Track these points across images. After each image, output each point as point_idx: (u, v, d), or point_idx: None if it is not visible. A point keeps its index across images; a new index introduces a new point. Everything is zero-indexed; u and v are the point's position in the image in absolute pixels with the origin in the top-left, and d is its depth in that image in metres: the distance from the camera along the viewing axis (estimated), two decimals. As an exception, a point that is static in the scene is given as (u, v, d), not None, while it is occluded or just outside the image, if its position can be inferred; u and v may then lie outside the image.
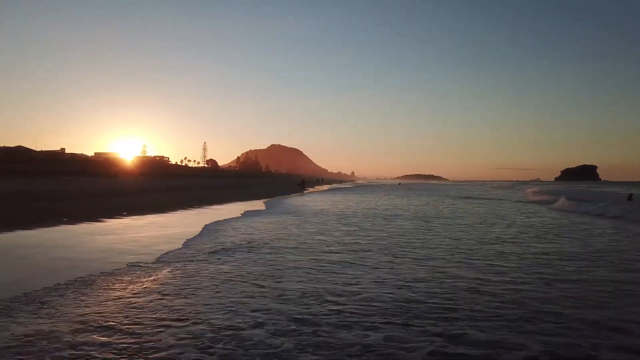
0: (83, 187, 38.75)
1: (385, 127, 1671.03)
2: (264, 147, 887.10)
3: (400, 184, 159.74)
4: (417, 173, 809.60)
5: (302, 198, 44.09)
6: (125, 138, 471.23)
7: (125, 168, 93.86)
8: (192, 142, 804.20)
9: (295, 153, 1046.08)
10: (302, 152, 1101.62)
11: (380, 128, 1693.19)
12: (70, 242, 12.31)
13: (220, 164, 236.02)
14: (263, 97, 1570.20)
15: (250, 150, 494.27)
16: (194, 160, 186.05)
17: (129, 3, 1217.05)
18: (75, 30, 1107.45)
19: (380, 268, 9.25)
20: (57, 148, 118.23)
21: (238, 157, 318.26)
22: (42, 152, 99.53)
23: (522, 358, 4.69)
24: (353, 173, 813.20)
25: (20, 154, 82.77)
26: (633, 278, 8.55)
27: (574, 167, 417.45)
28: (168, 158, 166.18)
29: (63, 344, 4.83)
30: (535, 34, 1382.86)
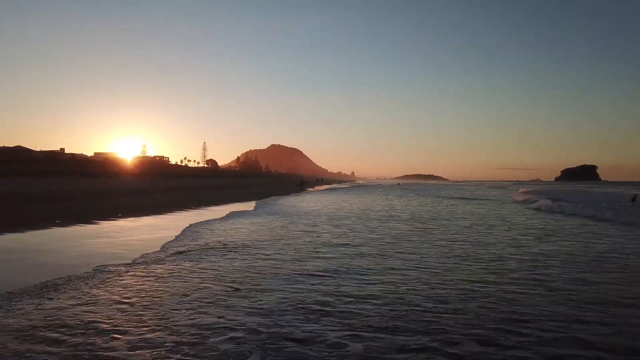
0: (81, 187, 38.41)
1: (386, 127, 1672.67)
2: (264, 147, 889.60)
3: (399, 184, 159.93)
4: (417, 173, 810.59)
5: (295, 198, 43.96)
6: (125, 138, 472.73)
7: (125, 168, 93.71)
8: (192, 142, 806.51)
9: (295, 153, 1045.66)
10: (302, 152, 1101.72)
11: (381, 128, 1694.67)
12: (57, 246, 12.00)
13: (220, 164, 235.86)
14: (263, 97, 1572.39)
15: (250, 150, 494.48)
16: (194, 160, 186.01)
17: (129, 3, 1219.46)
18: (75, 30, 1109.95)
19: (365, 275, 8.78)
20: (56, 148, 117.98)
21: (238, 157, 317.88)
22: (41, 152, 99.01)
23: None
24: (353, 173, 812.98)
25: (20, 154, 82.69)
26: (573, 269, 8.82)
27: (574, 167, 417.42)
28: (168, 158, 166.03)
29: (8, 351, 4.80)
30: (536, 34, 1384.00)
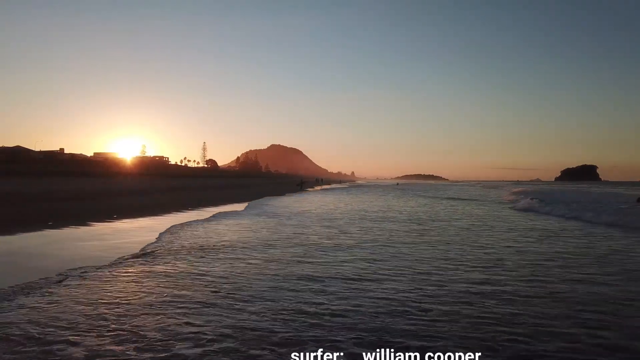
0: (79, 188, 38.34)
1: (386, 127, 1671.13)
2: (264, 147, 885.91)
3: (398, 184, 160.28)
4: (417, 173, 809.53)
5: (289, 198, 43.96)
6: (125, 138, 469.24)
7: (125, 168, 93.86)
8: (192, 142, 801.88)
9: (295, 153, 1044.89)
10: (302, 152, 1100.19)
11: (381, 128, 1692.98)
12: (44, 249, 11.53)
13: (220, 164, 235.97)
14: (263, 97, 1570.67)
15: (250, 150, 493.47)
16: (194, 160, 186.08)
17: (129, 3, 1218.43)
18: (74, 30, 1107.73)
19: (351, 282, 8.27)
20: (56, 148, 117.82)
21: (238, 157, 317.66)
22: (40, 152, 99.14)
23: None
24: (353, 173, 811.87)
25: (19, 154, 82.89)
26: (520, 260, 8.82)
27: (574, 167, 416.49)
28: (168, 158, 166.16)
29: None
30: (536, 34, 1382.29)
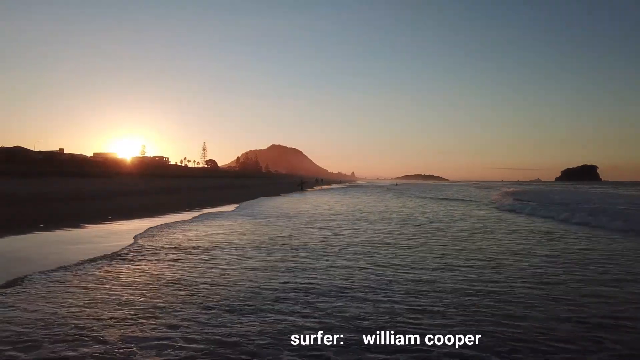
0: (78, 188, 37.89)
1: (386, 127, 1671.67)
2: (264, 147, 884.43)
3: (397, 185, 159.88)
4: (417, 173, 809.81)
5: (283, 199, 43.94)
6: (125, 138, 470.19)
7: (124, 168, 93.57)
8: (192, 142, 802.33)
9: (295, 153, 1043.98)
10: (302, 152, 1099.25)
11: (381, 128, 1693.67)
12: (27, 253, 10.98)
13: (220, 164, 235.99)
14: (263, 97, 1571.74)
15: (250, 151, 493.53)
16: (194, 161, 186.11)
17: (129, 2, 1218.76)
18: (74, 30, 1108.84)
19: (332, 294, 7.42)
20: (55, 148, 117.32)
21: (238, 157, 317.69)
22: (40, 152, 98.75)
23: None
24: (353, 173, 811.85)
25: (18, 154, 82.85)
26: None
27: (575, 167, 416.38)
28: (167, 158, 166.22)
29: None
30: (535, 34, 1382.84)
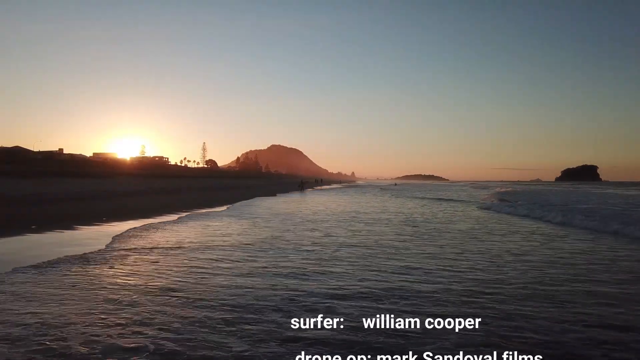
0: (77, 189, 37.87)
1: (386, 127, 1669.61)
2: (264, 147, 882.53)
3: (396, 185, 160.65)
4: (417, 173, 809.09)
5: (278, 199, 43.72)
6: (125, 138, 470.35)
7: (124, 169, 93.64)
8: (192, 142, 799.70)
9: (295, 153, 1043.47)
10: (302, 152, 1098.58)
11: (381, 128, 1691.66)
12: (14, 257, 10.39)
13: (220, 165, 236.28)
14: (263, 97, 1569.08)
15: (250, 151, 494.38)
16: (194, 161, 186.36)
17: (128, 2, 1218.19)
18: (74, 30, 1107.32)
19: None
20: (55, 148, 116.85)
21: (238, 157, 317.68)
22: (39, 152, 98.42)
23: None
24: (353, 173, 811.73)
25: (18, 155, 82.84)
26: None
27: (575, 167, 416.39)
28: (167, 158, 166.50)
29: None
30: (535, 34, 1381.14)
